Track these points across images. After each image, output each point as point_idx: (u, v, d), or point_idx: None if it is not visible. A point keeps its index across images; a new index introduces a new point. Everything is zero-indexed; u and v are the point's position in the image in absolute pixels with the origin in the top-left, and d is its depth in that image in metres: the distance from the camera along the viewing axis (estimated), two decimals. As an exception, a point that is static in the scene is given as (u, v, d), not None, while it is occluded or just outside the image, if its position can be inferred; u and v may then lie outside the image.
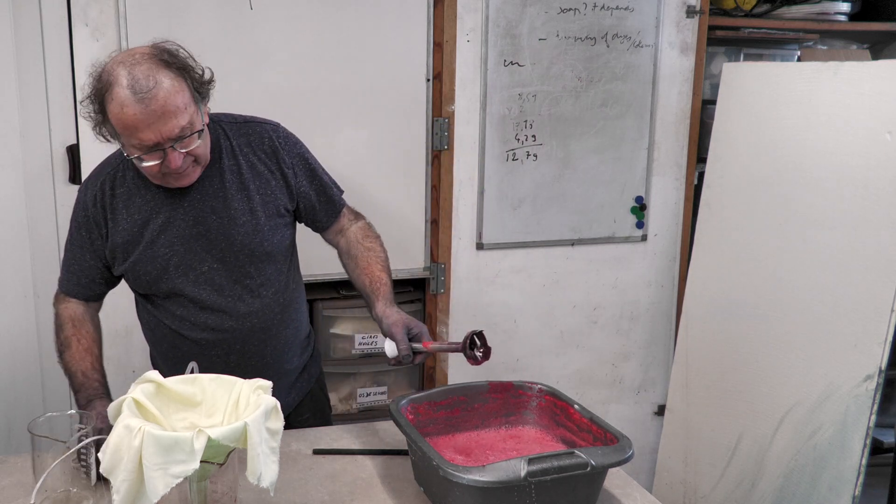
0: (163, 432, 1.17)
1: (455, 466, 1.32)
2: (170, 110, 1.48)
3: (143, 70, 1.48)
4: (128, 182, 1.67)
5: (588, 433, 1.52)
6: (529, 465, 1.31)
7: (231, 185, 1.68)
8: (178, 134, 1.51)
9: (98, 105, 1.52)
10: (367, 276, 1.74)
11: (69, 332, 1.71)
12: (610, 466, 1.39)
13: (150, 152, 1.52)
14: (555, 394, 1.64)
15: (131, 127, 1.48)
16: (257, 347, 1.75)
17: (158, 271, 1.67)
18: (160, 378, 1.35)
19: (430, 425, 1.58)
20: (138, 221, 1.66)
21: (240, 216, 1.67)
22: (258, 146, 1.72)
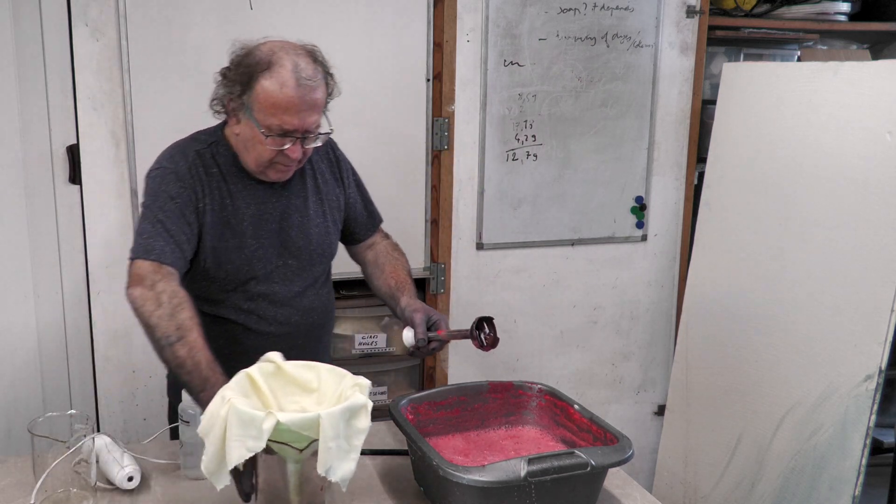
0: (243, 407, 1.23)
1: (455, 466, 1.32)
2: (317, 105, 1.58)
3: (306, 61, 1.57)
4: (219, 164, 1.68)
5: (588, 433, 1.52)
6: (529, 465, 1.31)
7: (310, 188, 1.76)
8: (314, 130, 1.60)
9: (246, 77, 1.56)
10: (394, 278, 1.81)
11: (190, 315, 1.48)
12: (610, 466, 1.39)
13: (282, 136, 1.57)
14: (555, 394, 1.64)
15: (282, 107, 1.54)
16: (313, 344, 1.81)
17: (242, 261, 1.67)
18: (280, 360, 1.40)
19: (430, 425, 1.58)
20: (229, 206, 1.66)
21: (316, 217, 1.75)
22: (323, 155, 1.80)
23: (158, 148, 2.24)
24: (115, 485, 1.48)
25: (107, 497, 1.48)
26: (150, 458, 1.59)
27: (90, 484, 1.42)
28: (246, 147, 1.63)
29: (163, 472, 1.57)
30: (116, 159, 2.24)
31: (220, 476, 1.27)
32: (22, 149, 2.20)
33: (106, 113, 2.22)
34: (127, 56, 2.18)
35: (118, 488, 1.48)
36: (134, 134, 2.23)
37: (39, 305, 2.28)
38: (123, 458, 1.50)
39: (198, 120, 2.25)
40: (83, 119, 2.21)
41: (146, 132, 2.24)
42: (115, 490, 1.49)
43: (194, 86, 2.24)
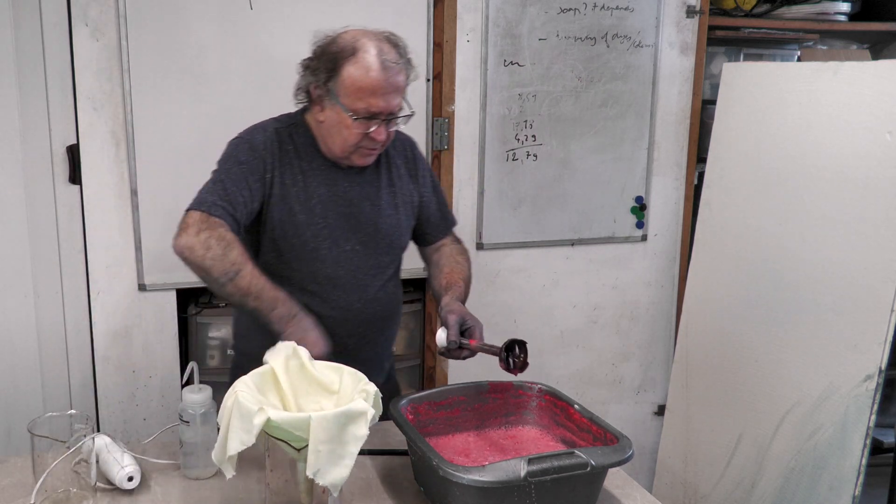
0: (244, 400, 1.25)
1: (455, 466, 1.32)
2: (400, 87, 1.64)
3: (388, 46, 1.64)
4: (295, 143, 1.72)
5: (588, 433, 1.52)
6: (529, 465, 1.31)
7: (384, 179, 1.78)
8: (397, 112, 1.65)
9: (329, 65, 1.62)
10: (447, 279, 1.82)
11: (241, 250, 1.55)
12: (610, 466, 1.39)
13: (368, 119, 1.62)
14: (555, 394, 1.64)
15: (368, 90, 1.59)
16: (374, 335, 1.82)
17: (308, 238, 1.70)
18: (306, 358, 1.40)
19: (430, 425, 1.58)
20: (300, 182, 1.70)
21: (387, 208, 1.78)
22: (402, 150, 1.84)
23: (158, 148, 2.26)
24: (115, 485, 1.48)
25: (107, 497, 1.48)
26: (150, 458, 1.59)
27: (90, 484, 1.42)
28: (331, 132, 1.67)
29: (163, 472, 1.57)
30: (116, 159, 2.24)
31: (227, 465, 1.28)
32: (22, 149, 2.20)
33: (106, 113, 2.22)
34: (127, 56, 2.18)
35: (118, 488, 1.48)
36: (134, 134, 2.23)
37: (39, 305, 2.28)
38: (123, 458, 1.49)
39: (198, 119, 2.26)
40: (83, 119, 2.21)
41: (146, 132, 2.24)
42: (115, 490, 1.49)
43: (194, 86, 2.25)
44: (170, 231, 2.28)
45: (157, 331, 2.35)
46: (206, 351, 2.45)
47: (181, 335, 2.42)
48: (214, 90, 2.26)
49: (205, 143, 2.28)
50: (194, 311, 2.43)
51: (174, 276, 2.32)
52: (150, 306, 2.33)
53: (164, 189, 2.26)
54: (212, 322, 2.44)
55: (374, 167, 1.77)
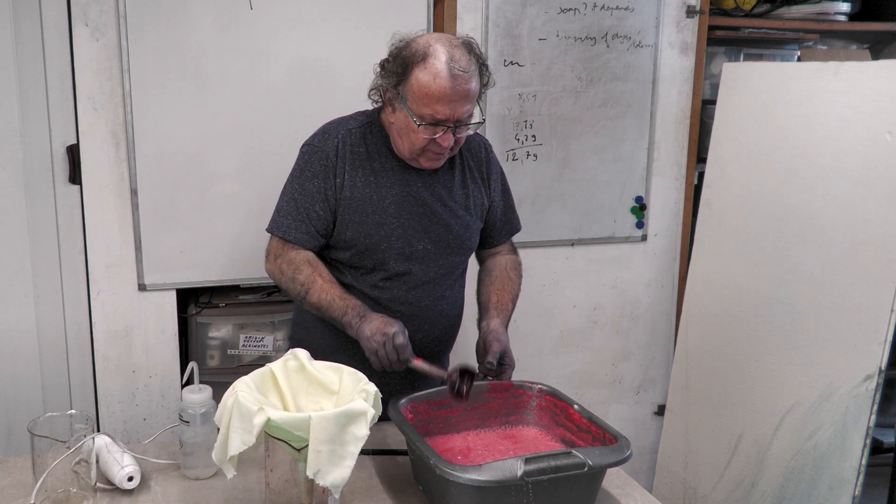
0: (244, 400, 1.26)
1: (452, 465, 1.32)
2: (469, 95, 1.62)
3: (460, 53, 1.61)
4: (368, 144, 1.75)
5: (587, 433, 1.52)
6: (526, 465, 1.31)
7: (457, 180, 1.81)
8: (465, 120, 1.64)
9: (402, 69, 1.62)
10: (497, 296, 1.86)
11: (308, 271, 1.70)
12: (607, 467, 1.39)
13: (434, 126, 1.62)
14: (555, 394, 1.64)
15: (434, 97, 1.59)
16: (439, 332, 1.85)
17: (381, 238, 1.72)
18: (305, 358, 1.41)
19: (429, 424, 1.58)
20: (372, 183, 1.73)
21: (458, 209, 1.80)
22: (476, 153, 1.85)
23: (158, 148, 2.26)
24: (115, 485, 1.48)
25: (107, 497, 1.48)
26: (150, 458, 1.59)
27: (90, 484, 1.42)
28: (400, 135, 1.69)
29: (163, 472, 1.57)
30: (116, 159, 2.24)
31: (228, 465, 1.28)
32: (22, 149, 2.20)
33: (106, 113, 2.22)
34: (127, 56, 2.18)
35: (118, 488, 1.48)
36: (134, 134, 2.23)
37: (39, 305, 2.28)
38: (123, 458, 1.49)
39: (198, 119, 2.26)
40: (83, 119, 2.21)
41: (146, 132, 2.24)
42: (115, 490, 1.49)
43: (194, 86, 2.25)
44: (170, 231, 2.30)
45: (157, 331, 2.35)
46: (206, 351, 2.45)
47: (181, 335, 2.42)
48: (214, 90, 2.26)
49: (205, 143, 2.29)
50: (194, 311, 2.43)
51: (174, 276, 2.32)
52: (150, 306, 2.33)
53: (164, 189, 2.26)
54: (212, 322, 2.44)
55: (448, 168, 1.79)
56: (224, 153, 2.30)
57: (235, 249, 2.35)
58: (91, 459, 1.43)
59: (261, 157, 2.31)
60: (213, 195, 2.31)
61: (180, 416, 1.54)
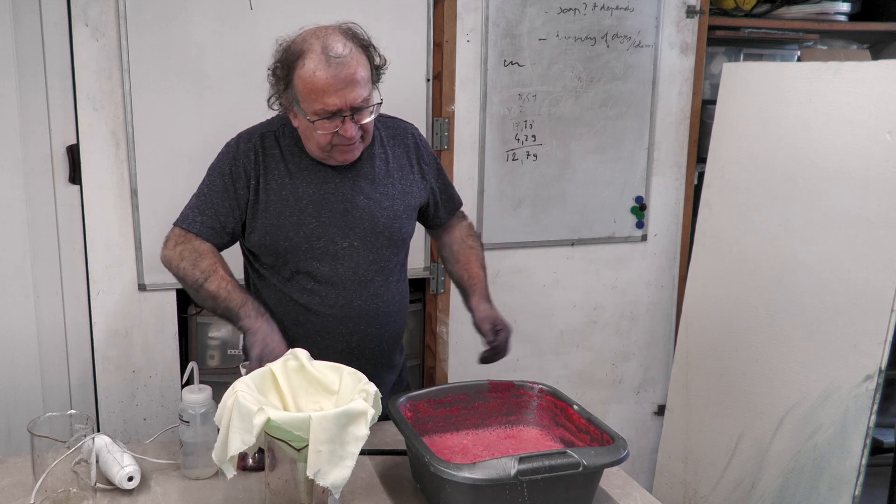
0: (244, 400, 1.25)
1: (446, 464, 1.32)
2: (356, 79, 1.58)
3: (335, 39, 1.59)
4: (283, 146, 1.72)
5: (586, 434, 1.52)
6: (520, 464, 1.31)
7: (380, 171, 1.76)
8: (360, 104, 1.60)
9: (285, 72, 1.61)
10: (466, 271, 1.87)
11: (212, 260, 1.67)
12: (602, 467, 1.39)
13: (329, 119, 1.59)
14: (555, 394, 1.64)
15: (319, 91, 1.57)
16: (378, 332, 1.80)
17: (300, 239, 1.70)
18: (305, 358, 1.40)
19: (429, 423, 1.58)
20: (288, 185, 1.70)
21: (384, 200, 1.75)
22: (402, 140, 1.82)
23: (158, 148, 2.26)
24: (115, 485, 1.48)
25: (107, 497, 1.48)
26: (150, 458, 1.59)
27: (90, 484, 1.42)
28: (305, 137, 1.68)
29: (163, 472, 1.57)
30: (116, 159, 2.24)
31: (228, 465, 1.28)
32: (22, 149, 2.20)
33: (106, 113, 2.22)
34: (127, 56, 2.18)
35: (118, 488, 1.48)
36: (134, 134, 2.23)
37: (39, 305, 2.28)
38: (123, 458, 1.50)
39: (198, 119, 2.26)
40: (83, 119, 2.21)
41: (146, 132, 2.24)
42: (115, 490, 1.49)
43: (194, 86, 2.25)
44: (170, 231, 2.30)
45: (157, 331, 2.35)
46: (206, 351, 2.45)
47: (181, 335, 2.42)
48: (214, 90, 2.26)
49: (204, 143, 2.28)
50: (194, 311, 2.43)
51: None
52: (150, 306, 2.33)
53: (164, 189, 2.26)
54: (212, 322, 2.44)
55: (369, 160, 1.75)
56: (224, 153, 2.29)
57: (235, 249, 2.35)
58: (91, 459, 1.43)
59: (261, 157, 2.31)
60: (213, 195, 2.30)
61: (180, 416, 1.54)
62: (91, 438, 1.43)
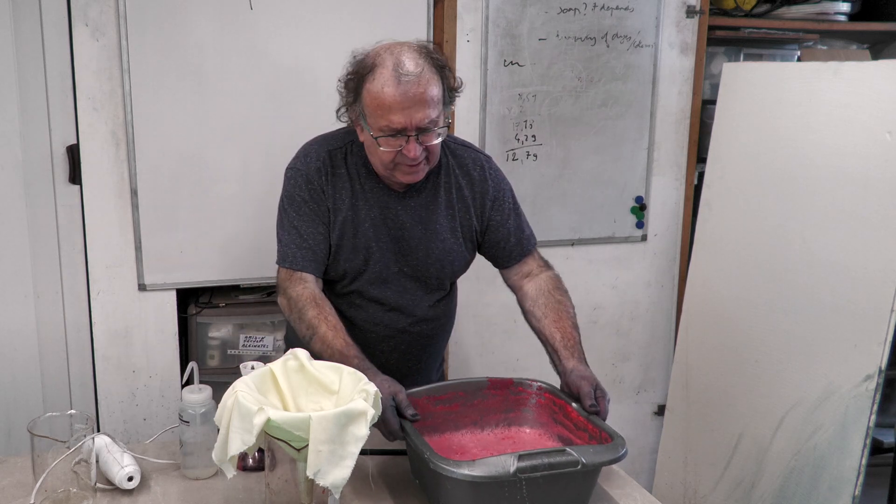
0: (244, 400, 1.25)
1: (446, 461, 1.32)
2: (424, 99, 1.54)
3: (409, 56, 1.55)
4: (350, 164, 1.70)
5: (584, 431, 1.52)
6: (519, 462, 1.31)
7: (441, 202, 1.73)
8: (426, 125, 1.56)
9: (355, 84, 1.59)
10: (560, 330, 1.73)
11: (314, 313, 1.60)
12: (601, 465, 1.39)
13: (395, 137, 1.56)
14: (554, 392, 1.64)
15: (386, 107, 1.54)
16: (418, 352, 1.80)
17: (359, 261, 1.70)
18: (305, 358, 1.40)
19: (428, 419, 1.58)
20: (353, 205, 1.68)
21: (442, 232, 1.73)
22: (471, 169, 1.77)
23: (158, 148, 2.26)
24: (115, 485, 1.48)
25: (107, 497, 1.48)
26: (150, 458, 1.59)
27: (90, 484, 1.42)
28: (370, 153, 1.65)
29: (163, 472, 1.57)
30: (116, 159, 2.24)
31: (228, 465, 1.28)
32: (22, 149, 2.20)
33: (106, 113, 2.22)
34: (127, 56, 2.18)
35: (118, 488, 1.48)
36: (134, 134, 2.23)
37: (39, 305, 2.28)
38: (123, 458, 1.49)
39: (198, 119, 2.26)
40: (83, 119, 2.21)
41: (146, 132, 2.24)
42: (115, 490, 1.49)
43: (194, 86, 2.25)
44: (170, 231, 2.30)
45: (157, 331, 2.35)
46: (206, 351, 2.45)
47: (181, 335, 2.42)
48: (214, 90, 2.26)
49: (205, 144, 2.29)
50: (194, 311, 2.43)
51: (174, 276, 2.32)
52: (150, 306, 2.33)
53: (164, 189, 2.26)
54: (212, 322, 2.44)
55: (433, 189, 1.72)
56: (224, 153, 2.30)
57: (235, 249, 2.35)
58: (91, 459, 1.43)
59: (261, 157, 2.31)
60: (212, 195, 2.31)
61: (180, 416, 1.54)
62: (91, 438, 1.43)
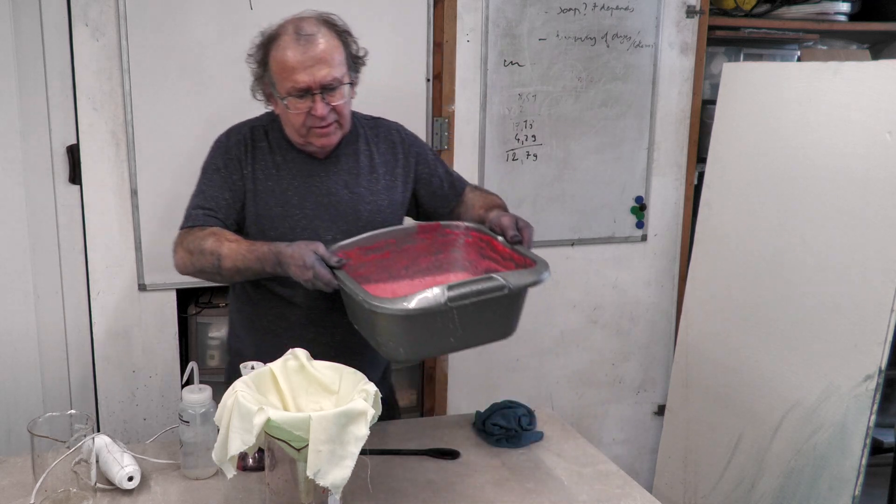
0: (244, 400, 1.26)
1: (379, 299, 1.36)
2: (325, 58, 1.62)
3: (308, 22, 1.65)
4: (271, 139, 1.76)
5: (511, 261, 1.56)
6: (449, 292, 1.35)
7: (364, 167, 1.78)
8: (329, 82, 1.63)
9: (262, 55, 1.67)
10: (483, 207, 1.81)
11: (213, 239, 1.63)
12: (526, 287, 1.43)
13: (301, 97, 1.63)
14: (480, 230, 1.67)
15: (290, 68, 1.61)
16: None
17: (286, 229, 1.71)
18: (305, 358, 1.41)
19: (361, 269, 1.61)
20: (274, 176, 1.73)
21: (367, 195, 1.77)
22: (386, 137, 1.85)
23: (158, 148, 2.26)
24: (115, 485, 1.48)
25: (107, 497, 1.48)
26: (150, 458, 1.59)
27: (90, 484, 1.42)
28: (285, 123, 1.71)
29: (163, 472, 1.57)
30: (116, 159, 2.24)
31: (228, 465, 1.28)
32: (22, 149, 2.20)
33: (106, 113, 2.22)
34: (127, 56, 2.18)
35: (118, 488, 1.48)
36: (134, 134, 2.23)
37: (39, 305, 2.28)
38: (123, 458, 1.50)
39: (198, 119, 2.26)
40: (83, 119, 2.21)
41: (146, 132, 2.24)
42: (115, 490, 1.49)
43: (194, 86, 2.25)
44: (170, 231, 2.28)
45: (157, 331, 2.35)
46: (206, 351, 2.46)
47: (181, 335, 2.42)
48: (214, 90, 2.26)
49: (204, 143, 2.27)
50: (194, 311, 2.44)
51: (174, 276, 2.30)
52: (150, 306, 2.33)
53: (164, 189, 2.26)
54: (212, 322, 2.44)
55: (353, 156, 1.78)
56: (224, 153, 2.29)
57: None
58: (91, 459, 1.43)
59: (261, 157, 2.31)
60: (213, 195, 2.31)
61: (180, 416, 1.54)
62: (91, 438, 1.43)
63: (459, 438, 1.75)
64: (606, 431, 2.88)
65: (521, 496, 1.52)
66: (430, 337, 1.40)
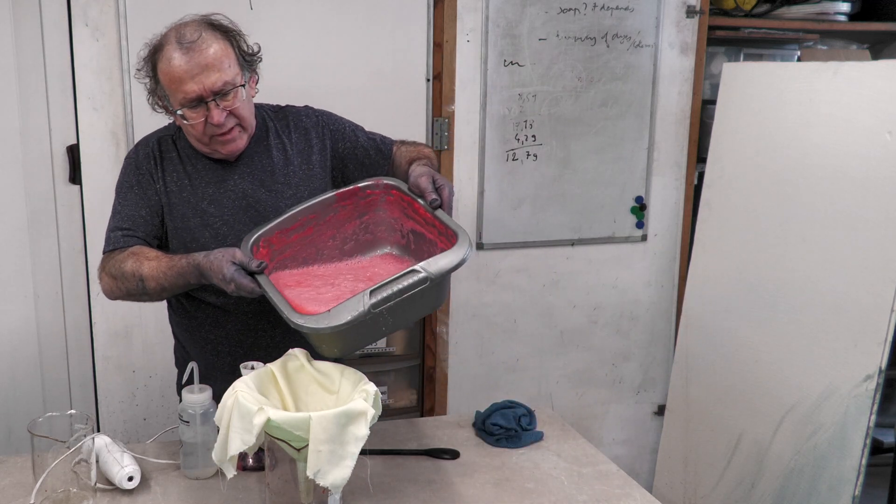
0: (244, 400, 1.26)
1: (303, 317, 1.36)
2: (213, 64, 1.55)
3: (189, 27, 1.58)
4: (180, 148, 1.70)
5: (433, 227, 1.54)
6: (371, 298, 1.34)
7: (278, 162, 1.72)
8: (220, 88, 1.56)
9: (151, 68, 1.60)
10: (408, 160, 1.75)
11: (132, 261, 1.57)
12: (448, 273, 1.40)
13: (195, 107, 1.57)
14: (400, 188, 1.63)
15: (177, 79, 1.55)
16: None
17: (207, 239, 1.66)
18: (305, 358, 1.41)
19: (286, 251, 1.58)
20: (187, 186, 1.67)
21: (286, 189, 1.71)
22: (296, 124, 1.78)
23: (158, 148, 2.25)
24: (115, 485, 1.48)
25: (107, 497, 1.48)
26: (150, 458, 1.59)
27: (90, 484, 1.42)
28: (187, 133, 1.65)
29: (163, 472, 1.57)
30: (116, 159, 2.24)
31: (228, 465, 1.28)
32: (22, 149, 2.20)
33: (106, 113, 2.22)
34: (127, 56, 2.18)
35: (118, 488, 1.48)
36: (134, 134, 2.23)
37: (39, 305, 2.28)
38: (123, 458, 1.49)
39: (198, 120, 2.26)
40: (83, 119, 2.21)
41: (146, 132, 2.23)
42: (115, 490, 1.49)
43: (194, 86, 2.24)
44: (170, 231, 2.29)
45: (157, 331, 2.35)
46: (205, 351, 2.45)
47: (181, 335, 2.42)
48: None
49: (205, 143, 2.29)
50: (194, 311, 2.43)
51: (174, 276, 2.32)
52: (150, 306, 2.32)
53: (164, 189, 2.26)
54: (212, 322, 2.43)
55: (265, 153, 1.72)
56: (224, 153, 2.29)
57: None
58: (91, 459, 1.43)
59: (261, 157, 2.31)
60: (213, 195, 2.30)
61: (180, 416, 1.53)
62: (91, 438, 1.43)
63: (459, 438, 1.75)
64: (606, 431, 2.88)
65: (521, 496, 1.52)
66: (362, 335, 1.40)
